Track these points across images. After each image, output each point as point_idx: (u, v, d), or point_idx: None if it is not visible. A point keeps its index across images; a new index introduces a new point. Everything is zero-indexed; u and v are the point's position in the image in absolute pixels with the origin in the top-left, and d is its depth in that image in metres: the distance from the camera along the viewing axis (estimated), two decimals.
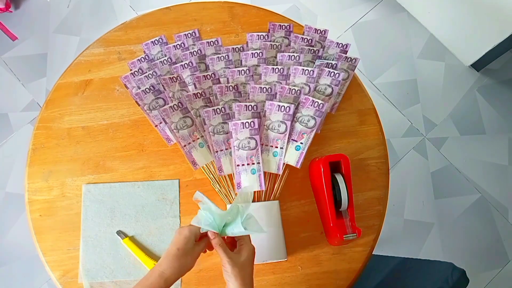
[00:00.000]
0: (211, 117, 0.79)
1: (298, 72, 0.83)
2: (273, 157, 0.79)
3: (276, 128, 0.79)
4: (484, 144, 1.51)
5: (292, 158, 0.79)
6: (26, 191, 0.80)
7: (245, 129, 0.77)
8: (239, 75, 0.84)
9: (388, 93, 1.56)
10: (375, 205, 0.81)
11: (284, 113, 0.79)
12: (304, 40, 0.88)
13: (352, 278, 0.76)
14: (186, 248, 0.57)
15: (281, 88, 0.81)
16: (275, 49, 0.88)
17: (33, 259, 1.38)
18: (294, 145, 0.79)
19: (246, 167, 0.77)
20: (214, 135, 0.79)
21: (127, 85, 0.85)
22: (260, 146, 0.78)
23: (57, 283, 0.75)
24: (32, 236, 0.78)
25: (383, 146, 0.84)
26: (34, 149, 0.83)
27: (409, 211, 1.45)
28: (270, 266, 0.76)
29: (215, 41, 0.89)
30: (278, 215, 0.77)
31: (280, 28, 0.90)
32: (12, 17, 1.63)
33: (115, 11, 1.65)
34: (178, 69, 0.85)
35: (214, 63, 0.86)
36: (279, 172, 0.79)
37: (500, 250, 1.42)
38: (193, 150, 0.79)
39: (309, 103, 0.79)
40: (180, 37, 0.90)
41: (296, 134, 0.79)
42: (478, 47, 1.45)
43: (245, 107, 0.79)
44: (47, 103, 0.86)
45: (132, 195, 0.80)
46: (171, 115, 0.79)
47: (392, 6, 1.66)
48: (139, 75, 0.84)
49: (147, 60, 0.88)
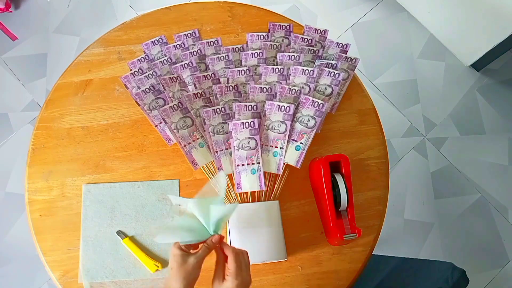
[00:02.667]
0: (211, 117, 0.79)
1: (298, 72, 0.83)
2: (273, 157, 0.79)
3: (276, 128, 0.79)
4: (484, 144, 1.51)
5: (292, 158, 0.79)
6: (26, 191, 0.80)
7: (245, 129, 0.77)
8: (239, 75, 0.84)
9: (388, 93, 1.56)
10: (375, 205, 0.81)
11: (284, 113, 0.79)
12: (304, 40, 0.88)
13: (352, 278, 0.76)
14: (179, 264, 0.58)
15: (281, 88, 0.81)
16: (275, 49, 0.88)
17: (33, 259, 1.38)
18: (294, 145, 0.79)
19: (246, 167, 0.77)
20: (214, 135, 0.79)
21: (127, 85, 0.85)
22: (260, 146, 0.78)
23: (57, 283, 0.75)
24: (32, 236, 0.78)
25: (383, 146, 0.84)
26: (34, 149, 0.83)
27: (409, 211, 1.45)
28: (270, 266, 0.76)
29: (215, 41, 0.89)
30: (278, 215, 0.76)
31: (280, 28, 0.90)
32: (12, 17, 1.63)
33: (115, 11, 1.65)
34: (178, 69, 0.85)
35: (214, 63, 0.86)
36: (279, 172, 0.79)
37: (500, 250, 1.41)
38: (193, 150, 0.79)
39: (309, 103, 0.79)
40: (180, 37, 0.90)
41: (296, 134, 0.79)
42: (478, 47, 1.45)
43: (245, 107, 0.79)
44: (47, 103, 0.86)
45: (132, 195, 0.80)
46: (171, 115, 0.78)
47: (392, 6, 1.66)
48: (139, 75, 0.84)
49: (147, 60, 0.88)
